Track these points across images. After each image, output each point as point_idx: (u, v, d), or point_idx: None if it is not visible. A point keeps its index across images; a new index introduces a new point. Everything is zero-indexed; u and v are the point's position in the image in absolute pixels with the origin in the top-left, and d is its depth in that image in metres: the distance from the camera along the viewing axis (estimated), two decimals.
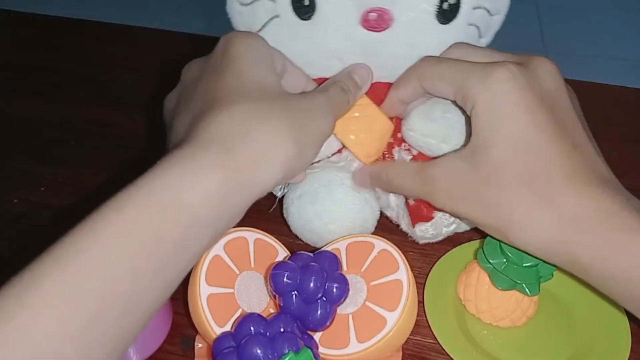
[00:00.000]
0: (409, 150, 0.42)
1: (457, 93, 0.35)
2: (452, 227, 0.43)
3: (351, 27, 0.38)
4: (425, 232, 0.42)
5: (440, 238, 0.43)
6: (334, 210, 0.42)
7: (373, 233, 0.42)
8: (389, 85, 0.40)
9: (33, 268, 0.25)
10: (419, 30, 0.38)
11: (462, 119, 0.40)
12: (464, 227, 0.44)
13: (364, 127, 0.40)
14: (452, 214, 0.35)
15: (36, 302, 0.24)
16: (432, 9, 0.37)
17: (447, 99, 0.38)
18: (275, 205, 0.43)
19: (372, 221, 0.43)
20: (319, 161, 0.43)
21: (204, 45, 0.37)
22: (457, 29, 0.38)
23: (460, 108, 0.37)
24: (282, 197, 0.44)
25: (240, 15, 0.40)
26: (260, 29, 0.39)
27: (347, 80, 0.38)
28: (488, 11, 0.39)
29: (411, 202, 0.43)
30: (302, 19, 0.38)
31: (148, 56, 0.69)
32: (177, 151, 0.29)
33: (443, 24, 0.38)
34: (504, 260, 0.38)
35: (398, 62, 0.39)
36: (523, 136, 0.32)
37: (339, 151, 0.43)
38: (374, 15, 0.37)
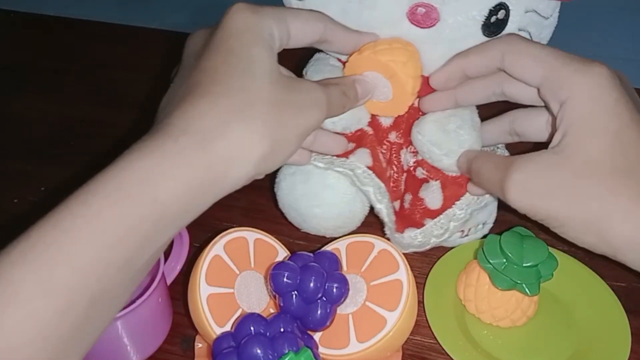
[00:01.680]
0: (414, 153, 0.42)
1: (547, 79, 0.34)
2: (442, 239, 0.42)
3: (398, 17, 0.37)
4: (414, 239, 0.42)
5: (427, 248, 0.43)
6: (323, 194, 0.41)
7: (367, 232, 0.42)
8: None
9: (1, 261, 0.25)
10: (463, 36, 0.38)
11: (472, 138, 0.40)
12: (452, 241, 0.44)
13: (411, 61, 0.38)
14: (528, 212, 0.33)
15: (6, 297, 0.24)
16: (481, 18, 0.37)
17: (524, 83, 0.36)
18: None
19: (359, 215, 0.43)
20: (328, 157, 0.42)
21: None
22: None
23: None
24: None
25: None
26: None
27: (351, 88, 0.37)
28: (531, 36, 0.39)
29: (406, 205, 0.43)
30: None
31: (148, 56, 0.69)
32: (149, 140, 0.28)
33: (486, 36, 0.38)
34: (504, 260, 0.38)
35: (433, 62, 0.39)
36: (623, 131, 0.32)
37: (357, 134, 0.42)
38: (422, 10, 0.37)
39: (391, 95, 0.39)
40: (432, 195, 0.42)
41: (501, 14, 0.37)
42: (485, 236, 0.40)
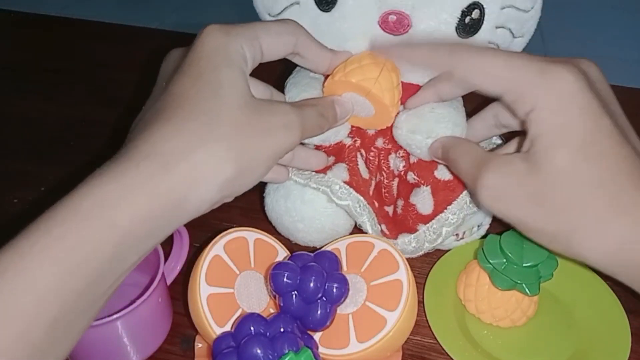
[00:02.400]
0: (403, 157, 0.42)
1: (509, 91, 0.32)
2: (435, 244, 0.42)
3: (369, 26, 0.37)
4: (408, 244, 0.42)
5: (420, 253, 0.43)
6: (303, 209, 0.42)
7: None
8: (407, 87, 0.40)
9: None
10: (437, 40, 0.37)
11: (451, 111, 0.39)
12: (447, 244, 0.44)
13: (385, 74, 0.38)
14: (499, 216, 0.34)
15: None
16: (453, 20, 0.37)
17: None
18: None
19: (345, 227, 0.43)
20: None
21: None
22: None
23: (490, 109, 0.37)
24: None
25: None
26: (279, 13, 0.39)
27: (328, 109, 0.37)
28: (512, 32, 0.38)
29: (398, 211, 0.43)
30: (322, 9, 0.38)
31: (148, 56, 0.69)
32: (112, 165, 0.28)
33: (462, 37, 0.37)
34: (504, 260, 0.38)
35: (413, 67, 0.39)
36: (591, 140, 0.30)
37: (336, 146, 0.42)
38: (393, 17, 0.37)
39: (373, 110, 0.39)
40: (422, 200, 0.42)
41: (475, 14, 0.36)
42: (485, 236, 0.40)
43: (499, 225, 0.44)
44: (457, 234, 0.44)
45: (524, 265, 0.37)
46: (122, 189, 0.27)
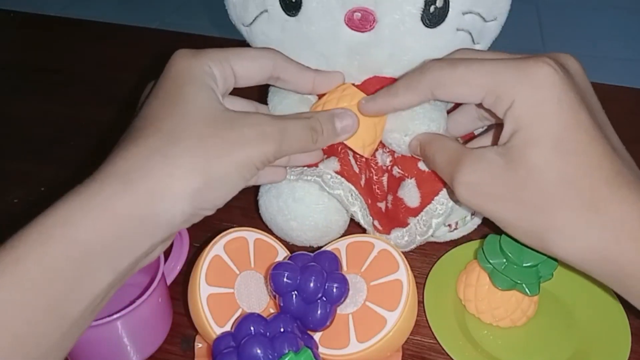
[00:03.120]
0: (390, 153, 0.42)
1: (488, 95, 0.32)
2: (426, 236, 0.42)
3: (336, 26, 0.37)
4: (401, 238, 0.42)
5: (413, 247, 0.42)
6: (294, 207, 0.42)
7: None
8: (382, 80, 0.40)
9: None
10: (404, 33, 0.37)
11: (426, 107, 0.39)
12: (442, 236, 0.44)
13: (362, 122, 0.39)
14: (476, 211, 0.33)
15: None
16: (417, 11, 0.36)
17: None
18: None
19: (339, 223, 0.43)
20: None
21: (204, 45, 0.37)
22: (445, 34, 0.37)
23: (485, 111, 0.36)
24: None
25: (234, 7, 0.40)
26: (251, 23, 0.39)
27: (325, 123, 0.36)
28: (482, 17, 0.37)
29: (389, 205, 0.43)
30: (289, 14, 0.38)
31: (148, 56, 0.69)
32: (79, 187, 0.29)
33: (429, 27, 0.37)
34: (504, 260, 0.38)
35: (384, 64, 0.39)
36: (566, 136, 0.30)
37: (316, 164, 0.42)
38: (358, 15, 0.37)
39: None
40: (409, 193, 0.42)
41: (439, 2, 0.36)
42: (485, 236, 0.40)
43: (491, 228, 0.44)
44: (449, 225, 0.44)
45: (524, 265, 0.37)
46: (84, 206, 0.28)
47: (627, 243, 0.29)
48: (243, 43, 0.42)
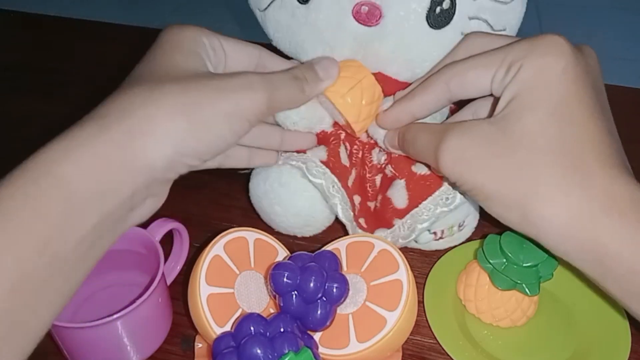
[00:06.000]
0: (385, 151, 0.42)
1: (500, 70, 0.32)
2: (408, 240, 0.42)
3: (343, 17, 0.38)
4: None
5: None
6: (280, 191, 0.42)
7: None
8: (386, 78, 0.40)
9: None
10: (408, 31, 0.37)
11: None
12: (427, 244, 0.44)
13: (356, 91, 0.39)
14: (457, 181, 0.32)
15: None
16: (422, 10, 0.36)
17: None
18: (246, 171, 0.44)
19: (323, 214, 0.43)
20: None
21: None
22: (449, 37, 0.37)
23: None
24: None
25: None
26: (266, 8, 0.40)
27: (306, 70, 0.37)
28: (489, 24, 0.37)
29: (377, 205, 0.43)
30: (300, 2, 0.38)
31: None
32: (64, 132, 0.29)
33: (434, 28, 0.37)
34: (504, 260, 0.38)
35: (387, 60, 0.39)
36: (566, 106, 0.30)
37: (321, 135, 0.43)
38: (365, 8, 0.37)
39: (343, 120, 0.40)
40: (397, 194, 0.42)
41: (446, 4, 0.36)
42: (485, 236, 0.40)
43: (492, 225, 0.44)
44: (435, 233, 0.43)
45: (524, 265, 0.37)
46: (66, 148, 0.28)
47: (612, 219, 0.28)
48: None
